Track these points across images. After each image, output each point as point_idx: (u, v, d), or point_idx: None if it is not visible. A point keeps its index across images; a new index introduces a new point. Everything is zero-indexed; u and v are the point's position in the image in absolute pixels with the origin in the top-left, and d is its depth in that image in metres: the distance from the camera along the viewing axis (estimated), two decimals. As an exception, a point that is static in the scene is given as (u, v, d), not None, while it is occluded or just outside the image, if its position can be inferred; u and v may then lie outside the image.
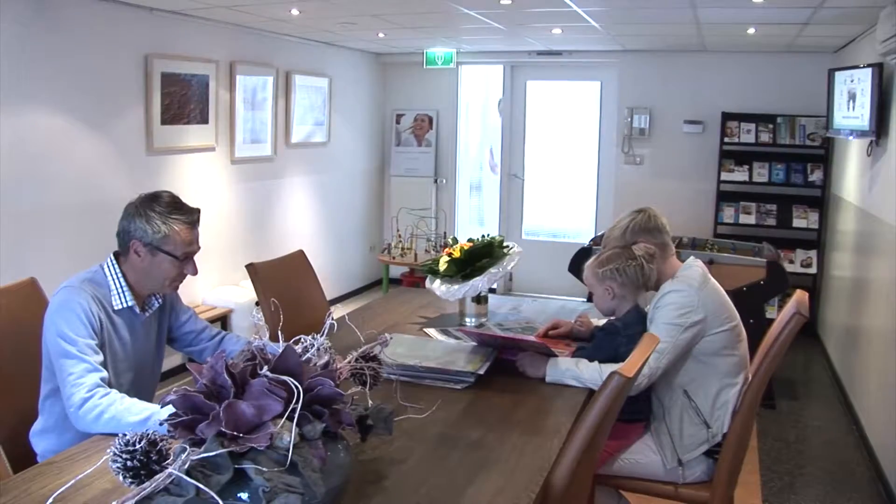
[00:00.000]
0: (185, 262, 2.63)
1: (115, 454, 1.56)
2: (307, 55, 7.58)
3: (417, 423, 2.37)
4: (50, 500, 1.74)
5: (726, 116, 7.57)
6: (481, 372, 2.80)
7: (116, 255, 2.66)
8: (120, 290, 2.62)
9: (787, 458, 4.71)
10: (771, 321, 3.29)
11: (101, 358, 2.48)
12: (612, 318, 3.09)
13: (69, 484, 1.81)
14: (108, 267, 2.64)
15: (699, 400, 2.93)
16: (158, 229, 2.55)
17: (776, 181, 7.46)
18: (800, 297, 2.98)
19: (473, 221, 9.30)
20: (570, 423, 2.44)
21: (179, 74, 5.81)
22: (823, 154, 7.36)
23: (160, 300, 2.79)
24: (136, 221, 2.57)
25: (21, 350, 2.72)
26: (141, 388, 2.67)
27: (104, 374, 2.44)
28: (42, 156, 4.83)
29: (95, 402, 2.34)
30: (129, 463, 1.55)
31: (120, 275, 2.63)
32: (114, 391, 2.41)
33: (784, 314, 3.00)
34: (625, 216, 3.17)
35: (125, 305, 2.63)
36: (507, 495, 1.96)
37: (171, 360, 5.42)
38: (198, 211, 2.69)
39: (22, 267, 4.38)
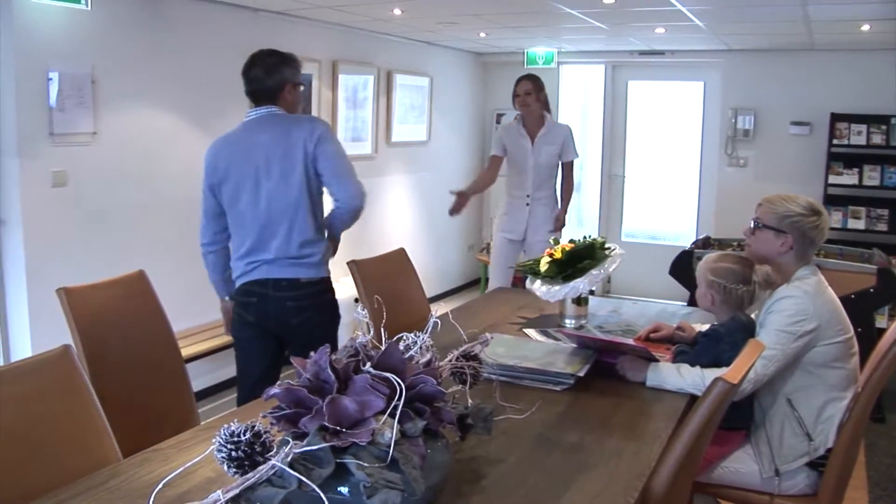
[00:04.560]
0: None
1: (220, 444, 1.59)
2: (408, 54, 7.65)
3: (516, 424, 2.36)
4: (159, 486, 1.80)
5: (835, 117, 7.30)
6: (581, 374, 2.77)
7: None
8: None
9: (898, 475, 4.53)
10: (881, 331, 3.16)
11: None
12: (714, 324, 3.04)
13: (176, 472, 1.87)
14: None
15: (803, 410, 2.84)
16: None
17: (888, 185, 7.15)
18: (915, 306, 2.86)
19: (572, 222, 9.20)
20: (670, 428, 2.40)
21: (284, 74, 5.90)
22: (942, 157, 7.04)
23: None
24: (288, 69, 3.53)
25: (130, 338, 2.82)
26: None
27: None
28: (150, 153, 5.01)
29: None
30: (233, 454, 1.58)
31: None
32: None
33: (897, 324, 2.88)
34: (802, 201, 2.88)
35: None
36: (605, 500, 1.93)
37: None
38: None
39: (131, 259, 4.53)
